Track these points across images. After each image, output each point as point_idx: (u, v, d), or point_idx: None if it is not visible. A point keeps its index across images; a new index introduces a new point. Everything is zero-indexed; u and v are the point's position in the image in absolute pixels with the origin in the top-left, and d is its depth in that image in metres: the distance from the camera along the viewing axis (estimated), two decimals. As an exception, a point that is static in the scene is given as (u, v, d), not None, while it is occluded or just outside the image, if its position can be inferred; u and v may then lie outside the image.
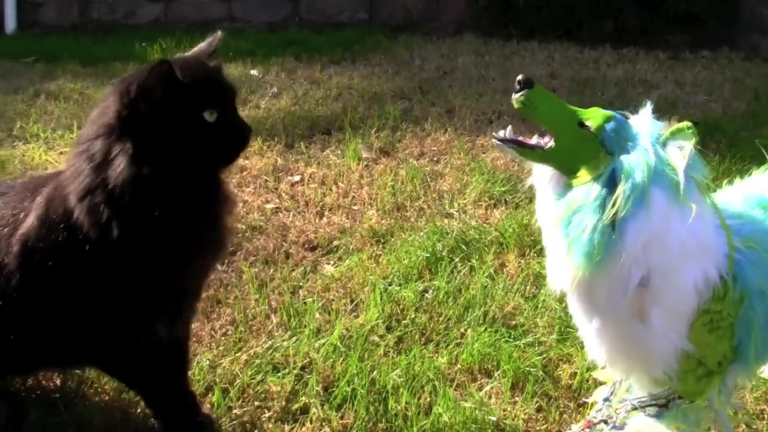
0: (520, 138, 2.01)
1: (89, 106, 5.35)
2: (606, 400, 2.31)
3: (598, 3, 7.86)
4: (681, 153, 1.87)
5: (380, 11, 8.58)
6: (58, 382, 2.62)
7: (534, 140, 2.00)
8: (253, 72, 6.52)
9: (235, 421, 2.48)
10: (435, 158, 4.68)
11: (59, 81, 6.22)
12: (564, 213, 1.89)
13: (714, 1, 7.85)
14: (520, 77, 1.96)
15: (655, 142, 1.90)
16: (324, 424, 2.48)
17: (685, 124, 1.92)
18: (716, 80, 6.72)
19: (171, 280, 2.15)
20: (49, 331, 2.16)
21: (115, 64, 6.73)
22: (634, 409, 2.16)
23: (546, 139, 1.98)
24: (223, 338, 2.89)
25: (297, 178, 4.34)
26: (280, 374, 2.69)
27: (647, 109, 2.01)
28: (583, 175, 1.90)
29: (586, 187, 1.88)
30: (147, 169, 1.94)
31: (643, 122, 1.97)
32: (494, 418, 2.48)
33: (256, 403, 2.56)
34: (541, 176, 2.04)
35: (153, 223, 2.00)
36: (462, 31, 8.31)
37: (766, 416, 2.57)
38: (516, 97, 1.96)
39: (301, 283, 3.28)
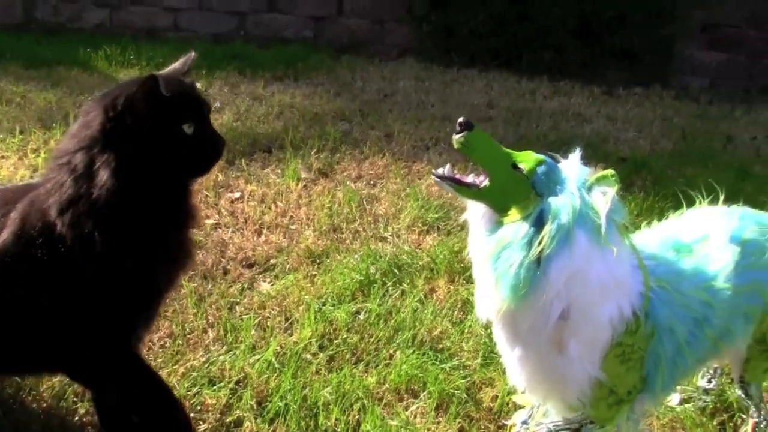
0: (458, 176, 2.11)
1: (32, 110, 5.39)
2: (524, 423, 2.44)
3: (539, 35, 8.06)
4: (604, 198, 1.99)
5: (325, 30, 8.68)
6: (-5, 387, 2.66)
7: (470, 179, 2.10)
8: (197, 85, 6.56)
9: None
10: (372, 182, 4.79)
11: (1, 83, 6.20)
12: (494, 248, 2.01)
13: (650, 40, 8.12)
14: (461, 119, 2.06)
15: (582, 186, 2.02)
16: (257, 437, 2.57)
17: (609, 171, 2.04)
18: (647, 117, 6.93)
19: (150, 290, 2.24)
20: (22, 342, 2.21)
21: (58, 68, 6.73)
22: (550, 431, 2.30)
23: (481, 178, 2.09)
24: (161, 350, 2.96)
25: (237, 195, 4.42)
26: (215, 387, 2.77)
27: (576, 155, 2.13)
28: (514, 214, 2.02)
29: (516, 225, 2.00)
30: (129, 180, 2.03)
31: (572, 167, 2.09)
32: (418, 437, 2.60)
33: (192, 415, 2.61)
34: (475, 212, 2.15)
35: (134, 233, 2.09)
36: (405, 55, 8.45)
37: (671, 443, 2.73)
38: (456, 138, 2.06)
39: (238, 300, 3.36)
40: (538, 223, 1.97)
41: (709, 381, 2.92)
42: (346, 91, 6.88)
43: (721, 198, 2.54)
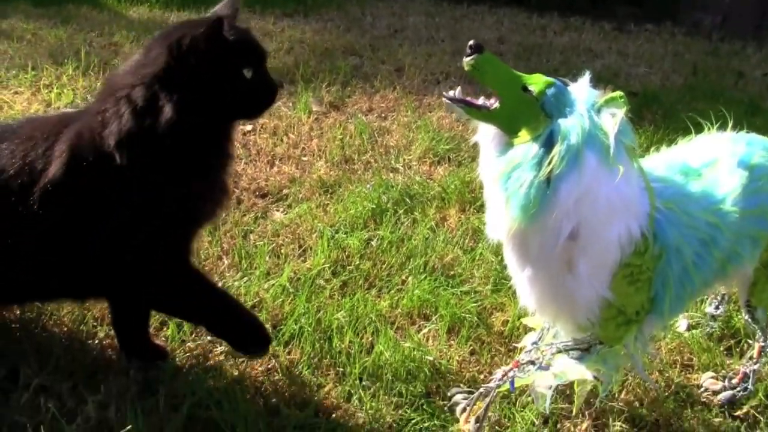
0: (468, 98, 2.13)
1: (43, 47, 5.41)
2: (534, 344, 2.48)
3: (549, -29, 8.02)
4: (613, 120, 2.00)
5: (334, -33, 8.62)
6: (18, 312, 2.70)
7: (481, 101, 2.11)
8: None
9: (188, 354, 2.61)
10: (383, 114, 4.81)
11: (11, 20, 6.20)
12: (504, 169, 2.03)
13: (661, -24, 8.07)
14: (471, 42, 2.08)
15: (591, 108, 2.03)
16: (272, 359, 2.62)
17: (618, 93, 2.05)
18: (657, 53, 6.92)
19: (198, 219, 2.31)
20: (77, 267, 2.24)
21: (68, 6, 6.72)
22: (559, 352, 2.33)
23: (492, 100, 2.10)
24: (177, 276, 3.01)
25: (249, 127, 4.43)
26: (231, 311, 2.81)
27: (586, 78, 2.15)
28: (524, 135, 2.04)
29: (526, 146, 2.02)
30: (189, 118, 2.07)
31: (581, 90, 2.09)
32: (431, 358, 2.65)
33: (208, 338, 2.68)
34: (486, 134, 2.17)
35: (189, 167, 2.16)
36: (414, -8, 8.41)
37: (678, 365, 2.78)
38: (467, 61, 2.08)
39: (251, 228, 3.41)
40: (548, 144, 1.98)
41: (717, 307, 2.96)
42: (356, 27, 6.86)
43: (729, 125, 2.56)
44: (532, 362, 2.36)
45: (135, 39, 5.90)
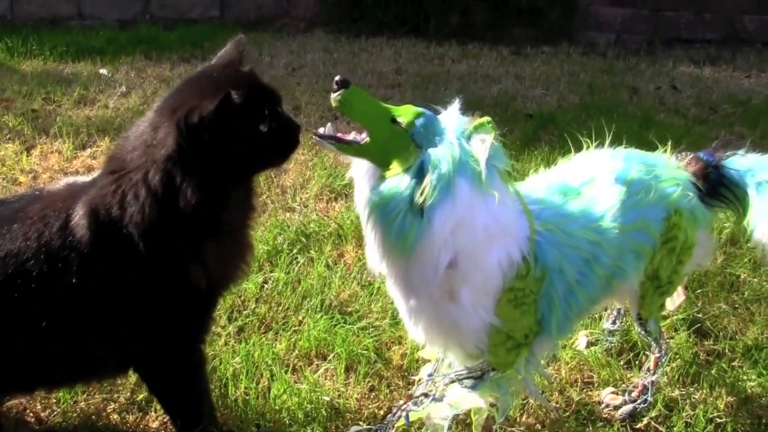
0: (339, 134, 2.13)
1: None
2: (429, 375, 2.47)
3: (446, -1, 8.12)
4: (483, 145, 2.02)
5: (232, 8, 8.60)
6: None
7: (351, 136, 2.12)
8: (102, 71, 6.48)
9: (80, 414, 2.53)
10: (279, 154, 4.76)
11: None
12: (378, 202, 2.03)
13: (554, -2, 8.24)
14: (337, 78, 2.09)
15: (460, 136, 2.05)
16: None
17: (486, 119, 2.07)
18: (554, 74, 7.03)
19: (225, 282, 2.27)
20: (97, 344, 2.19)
21: (-43, 62, 6.59)
22: (453, 381, 2.32)
23: (363, 135, 2.11)
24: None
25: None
26: (122, 366, 2.75)
27: (455, 106, 2.16)
28: (395, 167, 2.04)
29: (398, 178, 2.02)
30: (215, 191, 1.98)
31: (450, 118, 2.11)
32: (327, 398, 2.61)
33: (102, 396, 2.61)
34: (359, 169, 2.17)
35: (218, 231, 2.09)
36: (313, 28, 8.42)
37: (578, 383, 2.79)
38: (334, 97, 2.09)
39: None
40: (420, 175, 1.99)
41: (614, 322, 2.99)
42: (254, 68, 6.82)
43: (607, 141, 2.59)
44: (426, 394, 2.35)
45: (28, 94, 5.78)
